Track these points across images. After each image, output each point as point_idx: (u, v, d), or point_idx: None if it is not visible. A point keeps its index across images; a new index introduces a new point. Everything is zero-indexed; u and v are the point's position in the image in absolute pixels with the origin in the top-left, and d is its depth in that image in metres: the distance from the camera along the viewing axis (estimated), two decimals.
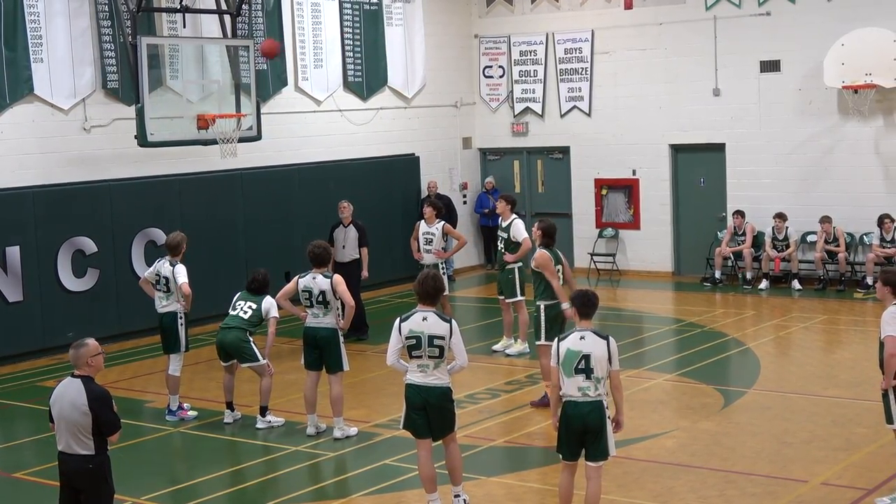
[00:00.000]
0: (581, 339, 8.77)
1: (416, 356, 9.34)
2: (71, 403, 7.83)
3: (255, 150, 18.68)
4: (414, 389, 9.37)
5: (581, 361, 8.70)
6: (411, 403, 9.39)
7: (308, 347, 12.04)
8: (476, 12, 23.73)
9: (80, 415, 7.80)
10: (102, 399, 7.93)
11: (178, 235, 13.19)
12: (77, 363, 7.95)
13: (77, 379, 7.92)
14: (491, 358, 15.57)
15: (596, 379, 8.70)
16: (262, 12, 19.52)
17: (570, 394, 8.77)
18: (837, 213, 19.80)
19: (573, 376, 8.73)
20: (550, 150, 23.29)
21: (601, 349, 8.73)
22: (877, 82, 18.96)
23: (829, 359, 15.53)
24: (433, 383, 9.32)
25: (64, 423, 7.87)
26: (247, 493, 10.63)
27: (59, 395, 7.94)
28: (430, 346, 9.28)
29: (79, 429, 7.83)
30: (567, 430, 8.85)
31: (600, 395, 8.75)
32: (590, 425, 8.75)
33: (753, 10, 20.54)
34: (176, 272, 12.84)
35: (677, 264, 22.05)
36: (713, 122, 21.12)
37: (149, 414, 13.49)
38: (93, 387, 7.91)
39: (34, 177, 16.68)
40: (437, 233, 16.28)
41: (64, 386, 7.97)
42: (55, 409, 7.95)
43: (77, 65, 17.10)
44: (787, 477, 10.33)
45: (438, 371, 9.33)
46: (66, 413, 7.85)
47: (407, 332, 9.32)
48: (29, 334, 16.34)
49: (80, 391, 7.85)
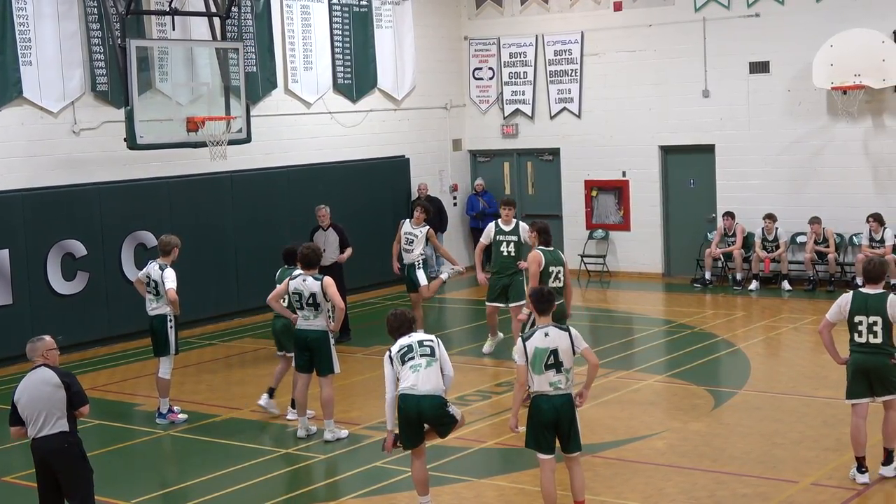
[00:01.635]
0: (546, 336, 8.98)
1: (408, 359, 9.38)
2: (42, 382, 8.14)
3: (244, 152, 18.65)
4: (407, 399, 9.32)
5: (550, 357, 8.93)
6: (405, 415, 9.36)
7: (299, 350, 12.04)
8: (465, 14, 23.74)
9: (53, 389, 8.12)
10: (70, 374, 8.36)
11: (172, 239, 13.16)
12: (33, 355, 8.35)
13: (39, 367, 8.28)
14: (481, 360, 15.57)
15: (566, 371, 8.97)
16: (252, 15, 19.50)
17: (542, 390, 8.97)
18: (827, 214, 19.84)
19: (544, 373, 8.94)
20: (540, 152, 23.30)
21: (566, 341, 8.99)
22: (866, 83, 19.01)
23: (818, 359, 15.51)
24: (426, 391, 9.27)
25: (38, 406, 8.13)
26: (237, 496, 10.60)
27: (26, 386, 8.23)
28: (420, 347, 9.41)
29: (53, 406, 8.12)
30: (539, 422, 9.01)
31: (570, 387, 9.01)
32: (562, 416, 8.96)
33: (742, 11, 20.57)
34: (165, 276, 12.81)
35: (667, 265, 22.07)
36: (703, 123, 21.15)
37: (139, 417, 13.47)
38: (58, 368, 8.32)
39: (23, 180, 16.64)
40: (419, 235, 16.17)
41: (28, 377, 8.29)
42: (24, 398, 8.19)
43: (66, 67, 17.06)
44: (778, 478, 10.35)
45: (430, 371, 9.30)
46: (37, 394, 8.14)
47: (396, 349, 9.44)
48: (18, 338, 16.12)
49: (47, 372, 8.24)
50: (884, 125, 19.55)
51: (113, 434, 12.68)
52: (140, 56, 16.40)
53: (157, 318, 12.97)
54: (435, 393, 9.32)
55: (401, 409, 9.37)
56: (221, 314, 18.69)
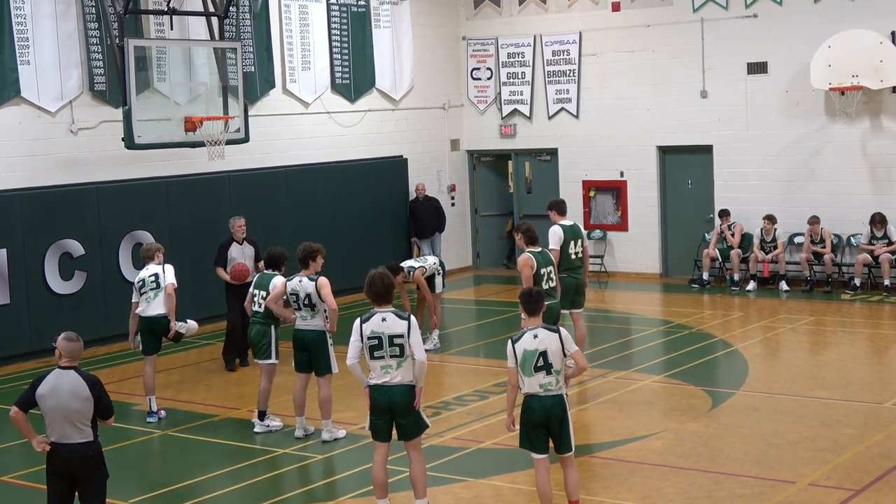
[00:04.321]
0: (535, 338, 8.94)
1: (378, 357, 9.25)
2: (71, 393, 8.00)
3: (242, 152, 18.66)
4: (378, 390, 9.30)
5: (539, 359, 8.89)
6: (375, 405, 9.32)
7: (297, 350, 12.04)
8: (464, 14, 23.74)
9: (81, 402, 8.00)
10: (100, 384, 8.16)
11: (153, 245, 13.69)
12: (73, 355, 8.11)
13: (69, 370, 8.10)
14: (478, 361, 15.57)
15: (556, 372, 8.93)
16: (250, 14, 19.50)
17: (533, 391, 8.95)
18: (824, 215, 19.86)
19: (534, 375, 8.91)
20: (538, 152, 23.31)
21: (555, 343, 8.92)
22: (863, 84, 19.02)
23: (816, 360, 15.56)
24: (398, 382, 9.24)
25: (61, 413, 8.01)
26: (235, 496, 10.60)
27: (53, 388, 8.04)
28: (390, 345, 9.22)
29: (78, 417, 8.02)
30: (530, 422, 9.01)
31: (561, 388, 8.98)
32: (553, 417, 8.95)
33: (741, 12, 20.58)
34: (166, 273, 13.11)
35: (665, 266, 22.08)
36: (700, 123, 21.16)
37: (137, 417, 13.46)
38: (87, 375, 8.15)
39: (21, 179, 16.64)
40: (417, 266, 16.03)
41: (56, 377, 8.09)
42: (49, 402, 8.03)
43: (64, 67, 17.05)
44: (775, 478, 10.35)
45: (402, 371, 9.25)
46: (64, 403, 8.00)
47: (368, 333, 9.28)
48: (16, 337, 16.29)
49: (77, 380, 8.04)
50: (881, 126, 19.57)
51: (110, 434, 12.60)
52: (138, 56, 16.41)
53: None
54: (406, 383, 9.23)
55: (371, 399, 9.33)
56: (219, 314, 18.64)
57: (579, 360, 9.13)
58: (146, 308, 13.08)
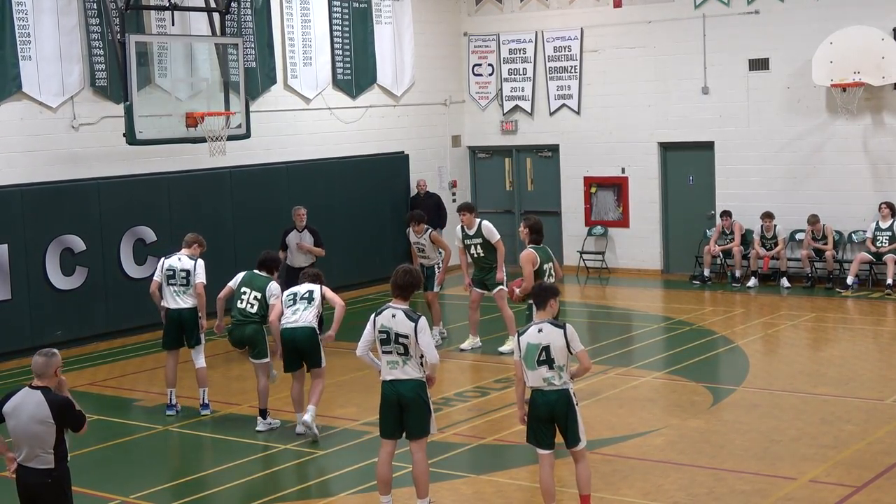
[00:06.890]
0: (539, 332, 8.94)
1: (386, 351, 9.29)
2: (30, 417, 7.50)
3: (243, 148, 18.66)
4: (388, 385, 9.34)
5: (542, 353, 8.89)
6: (385, 399, 9.35)
7: (287, 350, 11.92)
8: (465, 10, 23.73)
9: (41, 428, 7.49)
10: (64, 406, 7.56)
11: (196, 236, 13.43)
12: (45, 372, 7.58)
13: (36, 391, 7.55)
14: (479, 356, 15.57)
15: (559, 368, 8.90)
16: (251, 10, 19.49)
17: (536, 385, 8.96)
18: (826, 211, 19.84)
19: (536, 368, 8.91)
20: (540, 149, 23.30)
21: (559, 338, 8.90)
22: (865, 80, 19.01)
23: (817, 356, 15.56)
24: (406, 376, 9.26)
25: (23, 436, 7.55)
26: (234, 492, 10.60)
27: (16, 408, 7.57)
28: (396, 343, 9.25)
29: (38, 443, 7.52)
30: (535, 416, 9.01)
31: (566, 383, 8.95)
32: (557, 412, 8.93)
33: (742, 8, 20.56)
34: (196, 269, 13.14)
35: (666, 262, 22.08)
36: (702, 120, 21.15)
37: (138, 412, 13.48)
38: (53, 397, 7.54)
39: (22, 175, 16.63)
40: (426, 242, 16.19)
41: (21, 397, 7.60)
42: (11, 422, 7.60)
43: (65, 62, 17.05)
44: (776, 474, 10.35)
45: (410, 367, 9.26)
46: (23, 426, 7.52)
47: (379, 326, 9.33)
48: (17, 333, 16.28)
49: (39, 403, 7.50)
50: (883, 122, 19.55)
51: (111, 429, 12.68)
52: (139, 51, 16.41)
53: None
54: (414, 377, 9.25)
55: (382, 394, 9.37)
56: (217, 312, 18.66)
57: (583, 360, 9.10)
58: (172, 301, 12.96)
